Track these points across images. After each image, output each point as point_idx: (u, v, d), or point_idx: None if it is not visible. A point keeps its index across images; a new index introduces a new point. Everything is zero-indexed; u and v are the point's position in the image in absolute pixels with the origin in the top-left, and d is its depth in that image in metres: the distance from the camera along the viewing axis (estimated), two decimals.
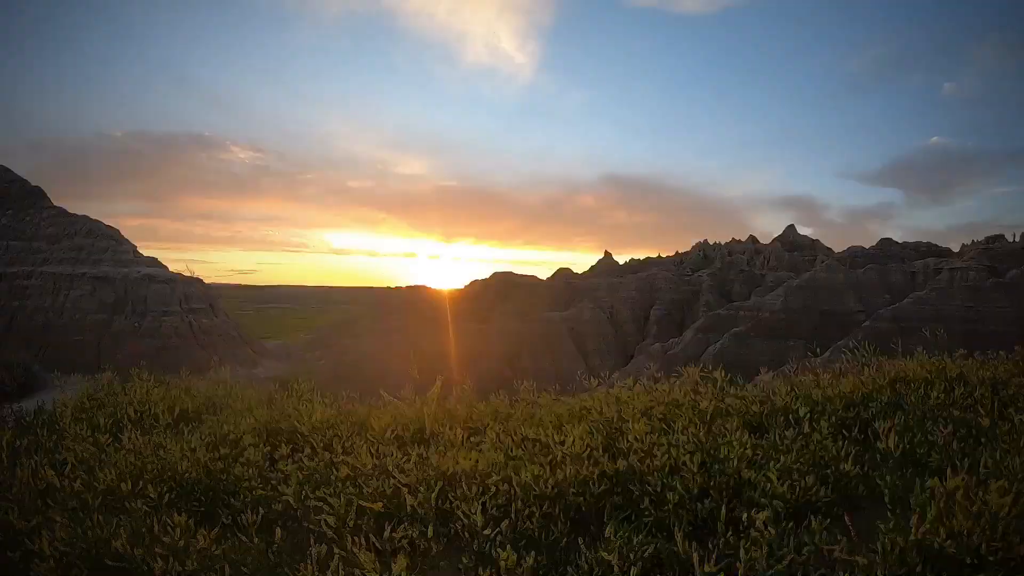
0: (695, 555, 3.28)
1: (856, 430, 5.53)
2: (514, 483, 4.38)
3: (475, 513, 3.91)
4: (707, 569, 3.20)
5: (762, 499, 4.16)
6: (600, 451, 4.95)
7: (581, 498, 4.40)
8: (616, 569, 3.41)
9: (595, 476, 4.54)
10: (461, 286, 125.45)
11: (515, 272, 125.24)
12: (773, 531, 3.42)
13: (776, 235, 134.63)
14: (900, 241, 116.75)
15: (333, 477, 4.70)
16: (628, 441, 5.05)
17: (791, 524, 3.78)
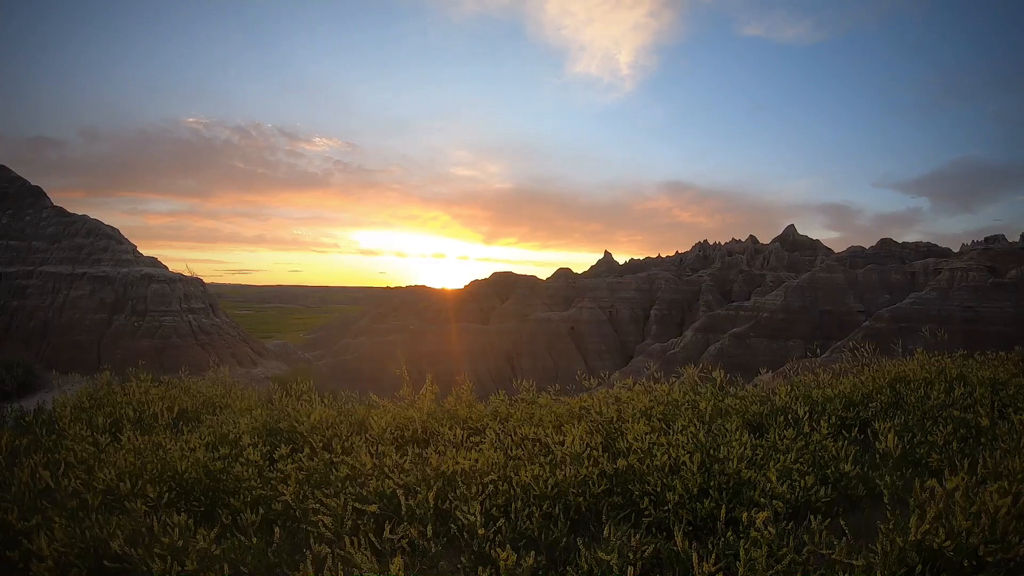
0: (695, 555, 3.28)
1: (856, 430, 5.53)
2: (513, 483, 4.38)
3: (474, 513, 3.90)
4: (707, 569, 3.20)
5: (762, 499, 4.16)
6: (600, 451, 4.94)
7: (581, 498, 4.39)
8: (615, 569, 3.40)
9: (595, 476, 4.54)
10: (461, 286, 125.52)
11: (515, 272, 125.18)
12: (773, 531, 3.41)
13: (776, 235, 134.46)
14: (900, 242, 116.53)
15: (332, 477, 4.70)
16: (628, 441, 5.05)
17: (791, 524, 3.78)
